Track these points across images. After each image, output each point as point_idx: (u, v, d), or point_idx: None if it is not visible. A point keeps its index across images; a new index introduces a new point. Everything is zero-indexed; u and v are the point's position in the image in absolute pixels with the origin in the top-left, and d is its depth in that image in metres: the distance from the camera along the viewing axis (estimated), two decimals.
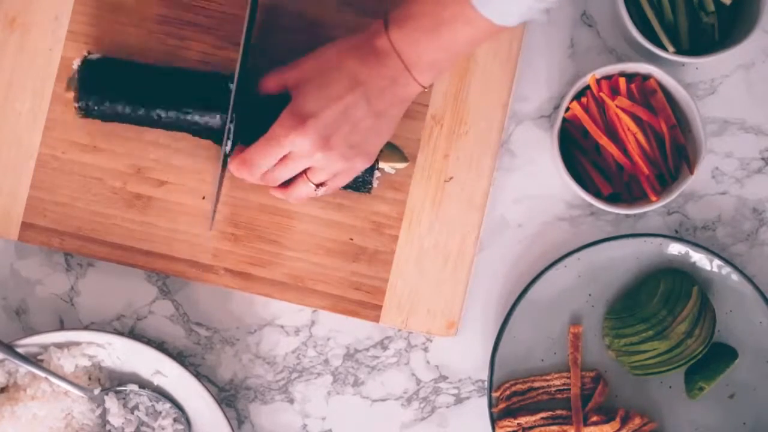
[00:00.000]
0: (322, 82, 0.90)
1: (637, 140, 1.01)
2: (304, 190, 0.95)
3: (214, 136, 0.99)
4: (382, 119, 0.92)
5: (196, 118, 0.98)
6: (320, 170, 0.93)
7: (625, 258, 1.05)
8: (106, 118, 0.99)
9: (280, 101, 0.93)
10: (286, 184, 0.96)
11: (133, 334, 1.07)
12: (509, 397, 1.04)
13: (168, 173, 1.04)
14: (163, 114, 0.97)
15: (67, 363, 1.01)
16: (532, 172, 1.07)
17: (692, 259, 1.04)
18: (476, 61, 1.03)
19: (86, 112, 0.98)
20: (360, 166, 0.94)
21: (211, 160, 1.04)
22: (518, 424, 1.03)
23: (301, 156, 0.91)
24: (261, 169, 0.93)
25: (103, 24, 1.03)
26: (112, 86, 0.97)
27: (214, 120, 0.98)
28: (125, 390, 1.03)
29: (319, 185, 0.94)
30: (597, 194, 1.03)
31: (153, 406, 1.04)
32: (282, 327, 1.07)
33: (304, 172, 0.94)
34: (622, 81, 1.01)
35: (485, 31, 0.87)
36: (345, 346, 1.07)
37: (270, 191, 0.98)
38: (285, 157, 0.92)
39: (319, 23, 1.03)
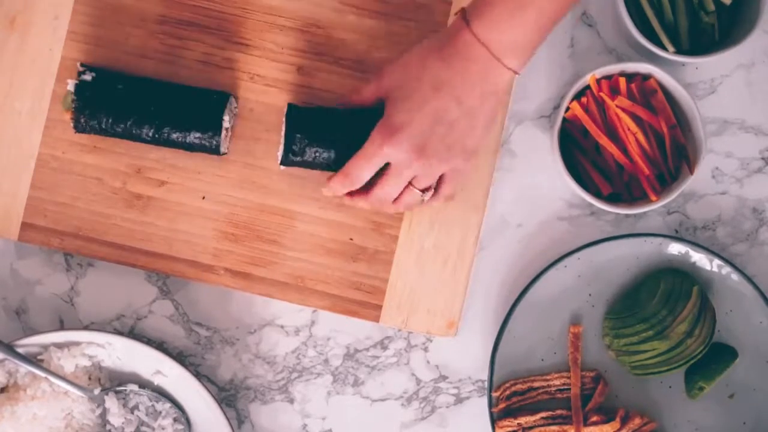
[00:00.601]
0: (408, 90, 0.89)
1: (637, 140, 1.01)
2: (411, 198, 0.94)
3: (210, 151, 1.00)
4: (477, 115, 0.90)
5: (193, 135, 0.99)
6: (423, 177, 0.92)
7: (625, 258, 1.05)
8: (104, 134, 1.00)
9: (372, 113, 0.93)
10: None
11: (133, 334, 1.07)
12: (509, 397, 1.04)
13: (168, 173, 1.04)
14: (162, 134, 0.99)
15: (67, 363, 1.01)
16: (532, 172, 1.07)
17: (692, 259, 1.04)
18: None
19: (84, 131, 1.00)
20: (463, 165, 0.93)
21: (210, 160, 1.04)
22: (518, 424, 1.03)
23: (400, 168, 0.91)
24: (360, 181, 0.93)
25: (103, 24, 1.03)
26: (107, 108, 0.98)
27: (208, 139, 0.99)
28: (125, 390, 1.03)
29: (424, 190, 0.94)
30: (597, 194, 1.03)
31: (153, 406, 1.04)
32: (282, 327, 1.07)
33: (410, 182, 0.93)
34: (622, 81, 1.01)
35: (569, 1, 0.86)
36: (345, 346, 1.07)
37: (383, 210, 0.97)
38: (386, 172, 0.92)
39: (319, 23, 1.04)
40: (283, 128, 0.98)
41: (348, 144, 0.94)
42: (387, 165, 0.92)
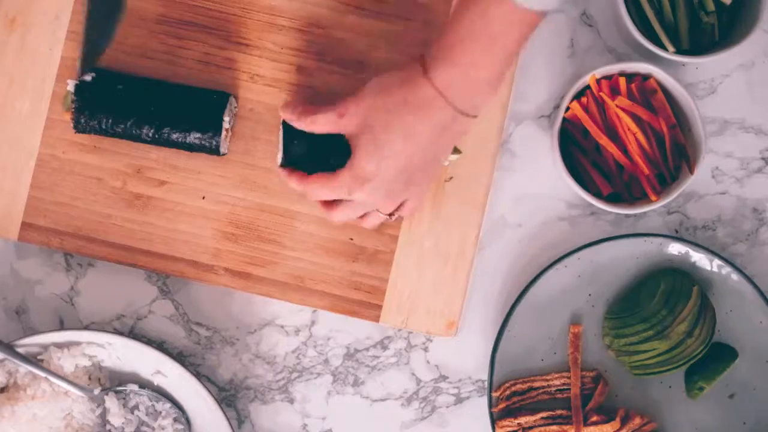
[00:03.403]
0: (377, 139, 0.90)
1: (637, 140, 1.01)
2: (376, 220, 0.97)
3: (210, 152, 1.00)
4: (439, 158, 0.93)
5: (193, 135, 0.99)
6: (388, 206, 0.95)
7: (625, 258, 1.05)
8: (104, 134, 1.00)
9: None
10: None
11: (133, 334, 1.07)
12: (509, 397, 1.04)
13: (168, 173, 1.04)
14: (162, 135, 0.99)
15: (67, 363, 1.01)
16: (532, 172, 1.07)
17: (692, 259, 1.04)
18: None
19: (84, 131, 1.00)
20: (426, 188, 0.95)
21: (210, 160, 1.04)
22: (518, 424, 1.03)
23: (364, 203, 0.94)
24: (314, 199, 0.95)
25: None
26: (107, 108, 0.99)
27: (208, 139, 0.99)
28: (125, 390, 1.03)
29: (390, 214, 0.97)
30: (597, 194, 1.03)
31: (153, 406, 1.04)
32: (282, 327, 1.07)
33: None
34: (622, 81, 1.01)
35: (529, 27, 0.85)
36: (345, 346, 1.07)
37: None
38: (349, 202, 0.94)
39: (319, 23, 1.04)
40: (280, 134, 0.98)
41: (346, 148, 0.94)
42: None
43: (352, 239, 1.04)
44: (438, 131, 0.89)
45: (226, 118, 1.00)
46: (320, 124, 0.93)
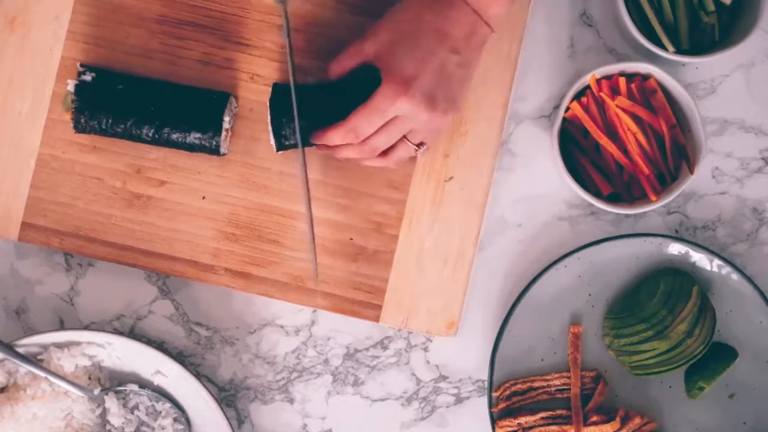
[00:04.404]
0: (411, 43, 0.91)
1: (637, 140, 1.01)
2: (404, 152, 0.96)
3: (210, 152, 1.00)
4: (470, 67, 0.93)
5: (193, 135, 0.99)
6: (423, 131, 0.94)
7: (625, 258, 1.05)
8: (104, 134, 1.00)
9: (350, 81, 0.95)
10: (385, 151, 0.96)
11: (133, 334, 1.07)
12: (509, 397, 1.04)
13: (168, 173, 1.04)
14: (162, 135, 0.99)
15: (67, 363, 1.01)
16: (532, 172, 1.07)
17: (692, 259, 1.04)
18: None
19: (84, 131, 1.00)
20: (451, 118, 0.95)
21: (210, 160, 1.04)
22: (518, 424, 1.03)
23: (405, 120, 0.92)
24: (365, 135, 0.93)
25: (103, 24, 1.03)
26: (107, 108, 0.99)
27: (208, 139, 0.99)
28: (125, 390, 1.03)
29: (418, 145, 0.96)
30: (597, 194, 1.03)
31: (153, 406, 1.04)
32: (282, 327, 1.07)
33: (404, 135, 0.95)
34: (622, 81, 1.01)
35: None
36: (345, 346, 1.07)
37: (365, 162, 0.98)
38: (386, 123, 0.93)
39: (317, 23, 1.04)
40: (269, 115, 0.97)
41: (336, 116, 0.94)
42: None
43: (352, 239, 1.04)
44: (465, 35, 0.91)
45: (226, 118, 1.00)
46: (348, 56, 0.94)
